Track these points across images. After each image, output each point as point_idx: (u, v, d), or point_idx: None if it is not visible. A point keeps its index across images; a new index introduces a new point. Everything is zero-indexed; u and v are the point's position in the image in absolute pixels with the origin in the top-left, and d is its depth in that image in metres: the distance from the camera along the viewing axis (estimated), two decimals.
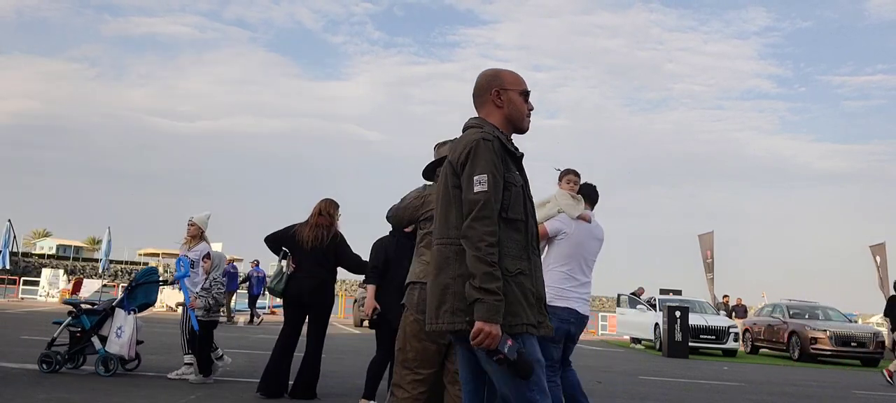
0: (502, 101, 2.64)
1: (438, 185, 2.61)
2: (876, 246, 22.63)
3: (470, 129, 2.60)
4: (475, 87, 2.72)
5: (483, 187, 2.39)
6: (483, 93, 2.68)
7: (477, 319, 2.32)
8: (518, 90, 2.66)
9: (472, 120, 2.68)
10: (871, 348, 16.56)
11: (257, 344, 11.94)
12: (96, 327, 7.12)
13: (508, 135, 2.65)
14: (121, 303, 7.22)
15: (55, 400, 5.44)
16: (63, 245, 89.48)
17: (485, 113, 2.67)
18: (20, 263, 35.55)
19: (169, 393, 6.04)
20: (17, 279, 27.94)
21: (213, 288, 6.79)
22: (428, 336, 3.46)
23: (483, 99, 2.68)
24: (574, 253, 4.61)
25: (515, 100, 2.65)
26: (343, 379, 7.68)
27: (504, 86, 2.65)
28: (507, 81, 2.67)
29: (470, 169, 2.43)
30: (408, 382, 3.46)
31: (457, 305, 2.43)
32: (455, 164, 2.50)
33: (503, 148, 2.52)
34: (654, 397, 8.03)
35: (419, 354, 3.47)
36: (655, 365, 13.03)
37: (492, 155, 2.44)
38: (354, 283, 77.43)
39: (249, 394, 6.23)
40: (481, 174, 2.40)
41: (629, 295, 20.88)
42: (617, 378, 9.93)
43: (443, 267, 2.50)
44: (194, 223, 7.43)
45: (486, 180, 2.40)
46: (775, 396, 9.03)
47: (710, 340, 17.07)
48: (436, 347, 3.49)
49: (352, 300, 24.00)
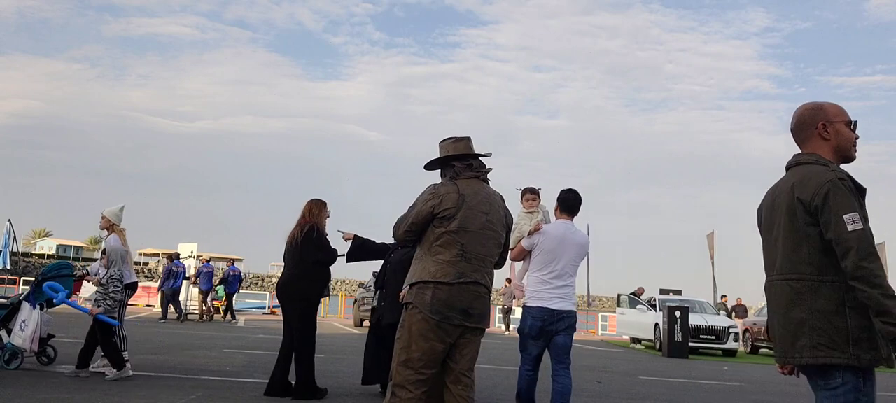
0: (829, 134, 2.69)
1: (780, 221, 2.63)
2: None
3: (813, 166, 2.62)
4: (796, 122, 2.77)
5: (857, 225, 2.44)
6: (807, 127, 2.73)
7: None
8: (843, 121, 2.70)
9: (807, 156, 2.70)
10: None
11: (258, 344, 11.95)
12: (4, 321, 7.18)
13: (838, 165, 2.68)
14: (27, 297, 7.28)
15: (55, 400, 5.44)
16: (63, 245, 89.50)
17: (811, 146, 2.72)
18: (20, 263, 35.50)
19: (169, 393, 6.03)
20: (17, 279, 27.93)
21: (110, 286, 6.71)
22: (436, 336, 3.45)
23: (807, 133, 2.73)
24: (547, 259, 5.12)
25: (842, 131, 2.70)
26: (343, 379, 7.68)
27: (829, 119, 2.70)
28: (832, 114, 2.71)
29: (835, 208, 2.47)
30: (411, 382, 3.43)
31: (817, 340, 2.49)
32: (807, 203, 2.53)
33: (854, 184, 2.56)
34: (654, 397, 8.03)
35: (425, 354, 3.45)
36: (655, 365, 13.03)
37: (850, 193, 2.49)
38: (354, 283, 77.44)
39: (250, 394, 6.23)
40: (851, 213, 2.45)
41: (629, 295, 20.88)
42: (617, 378, 9.93)
43: (795, 302, 2.55)
44: (104, 216, 7.31)
45: (857, 218, 2.45)
46: (775, 396, 9.03)
47: (710, 340, 17.07)
48: (442, 347, 3.47)
49: (352, 300, 24.00)
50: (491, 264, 3.67)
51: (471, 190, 3.63)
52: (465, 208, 3.55)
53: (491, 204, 3.68)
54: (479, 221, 3.59)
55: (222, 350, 10.44)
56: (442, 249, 3.52)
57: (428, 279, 3.50)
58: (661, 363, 13.84)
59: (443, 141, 3.82)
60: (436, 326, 3.44)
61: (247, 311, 25.71)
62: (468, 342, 3.56)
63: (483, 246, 3.59)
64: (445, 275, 3.48)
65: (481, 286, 3.58)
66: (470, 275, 3.52)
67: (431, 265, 3.52)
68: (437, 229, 3.55)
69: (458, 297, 3.47)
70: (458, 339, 3.52)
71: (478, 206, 3.61)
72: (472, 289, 3.52)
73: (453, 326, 3.47)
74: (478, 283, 3.55)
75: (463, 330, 3.51)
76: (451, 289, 3.46)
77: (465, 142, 3.78)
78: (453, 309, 3.46)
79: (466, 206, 3.56)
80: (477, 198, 3.63)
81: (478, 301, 3.54)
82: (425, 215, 3.58)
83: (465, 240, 3.53)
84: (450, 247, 3.51)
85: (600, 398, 7.66)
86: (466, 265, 3.52)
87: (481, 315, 3.58)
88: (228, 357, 9.52)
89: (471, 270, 3.53)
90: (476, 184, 3.69)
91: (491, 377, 8.68)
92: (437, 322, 3.44)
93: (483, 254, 3.59)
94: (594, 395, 7.84)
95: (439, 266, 3.49)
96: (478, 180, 3.73)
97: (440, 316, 3.44)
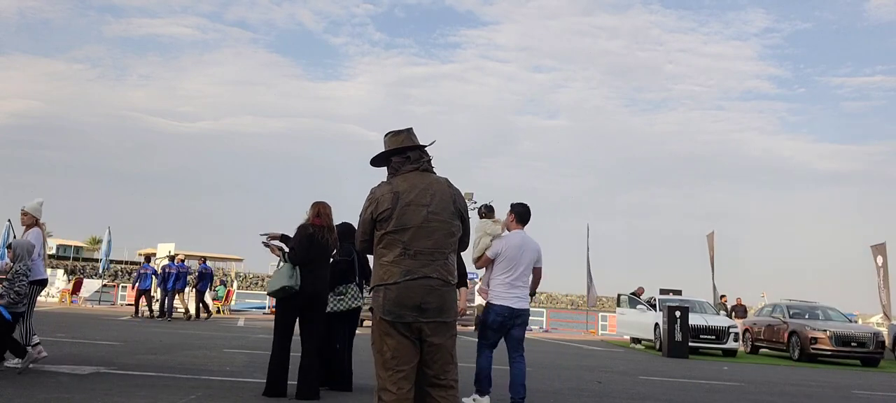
0: None
1: None
2: (876, 247, 22.61)
3: None
4: None
5: None
6: None
7: None
8: None
9: None
10: (871, 348, 16.55)
11: (258, 344, 11.94)
12: None
13: None
14: None
15: (55, 400, 5.44)
16: (63, 245, 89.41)
17: None
18: None
19: (169, 393, 6.03)
20: None
21: (16, 281, 6.71)
22: (398, 332, 3.44)
23: None
24: (509, 265, 6.16)
25: None
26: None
27: None
28: None
29: None
30: (392, 382, 3.42)
31: None
32: None
33: None
34: (654, 397, 8.03)
35: (396, 351, 3.44)
36: (655, 365, 13.02)
37: None
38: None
39: (250, 394, 6.23)
40: None
41: (629, 295, 20.88)
42: (617, 378, 9.93)
43: None
44: (26, 212, 7.28)
45: None
46: (775, 396, 9.03)
47: (710, 340, 17.06)
48: (408, 342, 3.46)
49: None
50: (443, 256, 3.54)
51: (407, 185, 3.56)
52: (400, 206, 3.50)
53: (433, 194, 3.57)
54: (420, 215, 3.50)
55: (222, 351, 10.44)
56: (386, 251, 3.50)
57: (378, 283, 3.50)
58: (661, 363, 13.84)
59: (385, 135, 3.76)
60: (393, 325, 3.44)
61: (247, 311, 25.70)
62: (435, 341, 3.48)
63: (429, 239, 3.50)
64: (392, 276, 3.45)
65: (434, 279, 3.46)
66: (418, 272, 3.44)
67: (379, 269, 3.52)
68: (379, 232, 3.54)
69: (407, 295, 3.42)
70: (425, 338, 3.47)
71: (416, 200, 3.52)
72: (422, 284, 3.44)
73: (408, 324, 3.44)
74: (428, 278, 3.46)
75: (422, 327, 3.45)
76: (400, 288, 3.43)
77: (405, 135, 3.72)
78: (404, 306, 3.42)
79: (402, 204, 3.51)
80: (414, 192, 3.54)
81: (431, 294, 3.44)
82: (368, 222, 3.58)
83: (405, 238, 3.47)
84: (392, 248, 3.48)
85: (600, 398, 7.65)
86: (412, 262, 3.45)
87: (439, 308, 3.47)
88: (228, 357, 9.52)
89: (418, 266, 3.45)
90: (414, 177, 3.61)
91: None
92: (391, 322, 3.44)
93: (430, 248, 3.49)
94: (594, 395, 7.84)
95: (385, 268, 3.48)
96: (417, 172, 3.64)
97: (393, 316, 3.43)
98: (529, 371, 10.11)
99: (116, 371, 7.19)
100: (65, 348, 9.24)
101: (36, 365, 7.07)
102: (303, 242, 6.19)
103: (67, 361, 7.65)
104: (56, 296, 25.22)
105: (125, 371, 7.24)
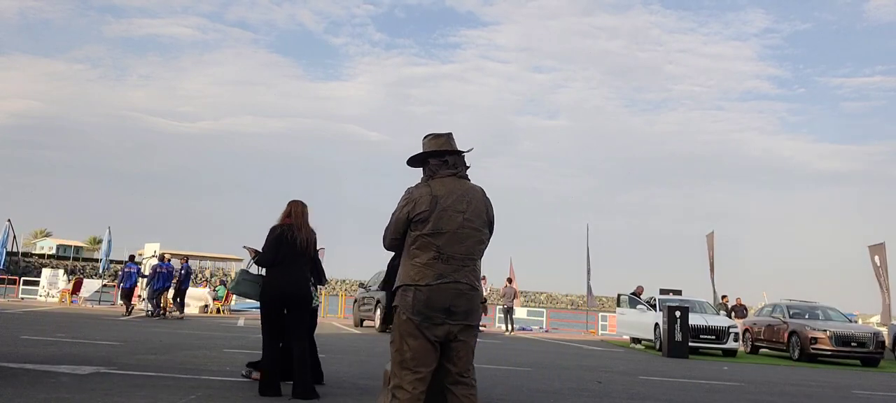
0: None
1: None
2: (875, 247, 22.59)
3: None
4: None
5: None
6: None
7: None
8: None
9: None
10: (871, 348, 16.56)
11: (258, 344, 11.92)
12: None
13: None
14: None
15: (55, 400, 5.44)
16: (63, 245, 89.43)
17: None
18: (20, 263, 35.52)
19: (169, 393, 6.03)
20: (17, 279, 27.94)
21: None
22: (422, 334, 3.47)
23: None
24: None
25: None
26: (343, 379, 7.68)
27: None
28: None
29: None
30: (408, 382, 3.47)
31: None
32: None
33: None
34: (654, 397, 8.03)
35: (417, 353, 3.48)
36: (655, 365, 13.03)
37: None
38: (354, 283, 77.36)
39: (250, 394, 6.23)
40: None
41: (629, 295, 20.87)
42: (617, 378, 9.93)
43: None
44: None
45: None
46: (775, 396, 9.03)
47: (710, 340, 17.07)
48: (431, 344, 3.50)
49: (352, 300, 24.01)
50: (473, 262, 3.61)
51: (445, 190, 3.60)
52: (437, 210, 3.53)
53: (469, 202, 3.62)
54: (456, 221, 3.56)
55: (222, 351, 10.44)
56: (419, 252, 3.53)
57: (409, 283, 3.52)
58: (661, 363, 13.84)
59: (424, 137, 3.79)
60: (420, 325, 3.48)
61: (247, 311, 25.69)
62: (461, 342, 3.56)
63: (461, 244, 3.56)
64: (424, 278, 3.49)
65: (463, 283, 3.53)
66: (449, 276, 3.51)
67: (411, 269, 3.55)
68: (413, 233, 3.56)
69: (438, 297, 3.48)
70: (450, 341, 3.53)
71: (453, 206, 3.57)
72: (452, 288, 3.50)
73: (437, 325, 3.49)
74: (458, 282, 3.52)
75: (449, 329, 3.51)
76: (431, 290, 3.48)
77: (445, 139, 3.74)
78: (434, 308, 3.47)
79: (440, 208, 3.54)
80: (451, 197, 3.59)
81: (460, 298, 3.51)
82: (403, 221, 3.59)
83: (440, 243, 3.52)
84: (426, 250, 3.52)
85: (600, 398, 7.66)
86: (444, 266, 3.51)
87: (466, 312, 3.53)
88: (228, 357, 9.52)
89: (450, 271, 3.51)
90: (451, 183, 3.65)
91: (491, 377, 8.68)
92: (419, 322, 3.48)
93: (462, 254, 3.55)
94: (594, 395, 7.84)
95: (417, 269, 3.51)
96: (455, 178, 3.68)
97: (422, 317, 3.47)
98: (529, 372, 10.13)
99: (116, 371, 7.19)
100: (65, 348, 9.24)
101: (36, 366, 7.08)
102: (271, 243, 6.26)
103: (67, 361, 7.66)
104: (56, 296, 25.21)
105: (125, 371, 7.24)
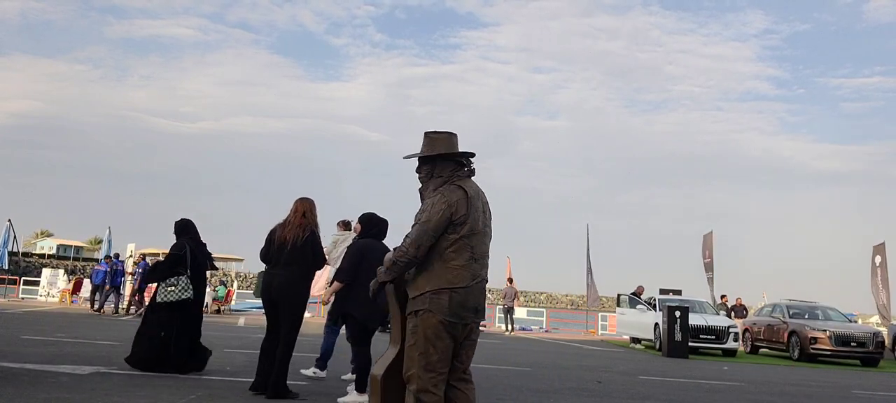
0: None
1: None
2: (876, 247, 22.60)
3: None
4: None
5: None
6: None
7: None
8: None
9: None
10: (871, 348, 16.56)
11: (258, 344, 11.91)
12: None
13: None
14: None
15: (55, 400, 5.44)
16: (64, 245, 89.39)
17: None
18: (20, 263, 35.50)
19: (169, 393, 6.03)
20: (18, 279, 27.92)
21: None
22: (450, 336, 3.54)
23: None
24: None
25: None
26: (340, 379, 7.68)
27: None
28: None
29: None
30: (434, 384, 3.52)
31: None
32: None
33: None
34: (654, 397, 8.03)
35: (443, 355, 3.54)
36: (655, 365, 13.03)
37: None
38: None
39: (250, 394, 6.23)
40: None
41: (629, 295, 20.87)
42: (617, 378, 9.93)
43: None
44: None
45: None
46: (775, 396, 9.03)
47: (710, 340, 17.07)
48: (454, 346, 3.59)
49: None
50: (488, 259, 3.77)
51: (472, 191, 3.68)
52: (471, 212, 3.60)
53: (484, 202, 3.78)
54: (481, 221, 3.67)
55: (222, 351, 10.43)
56: (455, 255, 3.56)
57: (446, 286, 3.53)
58: (661, 363, 13.84)
59: (436, 134, 3.72)
60: (450, 327, 3.53)
61: (247, 312, 25.69)
62: (471, 341, 3.69)
63: (484, 243, 3.69)
64: (462, 280, 3.55)
65: (485, 282, 3.72)
66: (479, 275, 3.64)
67: (447, 272, 3.54)
68: (451, 236, 3.56)
69: (471, 298, 3.59)
70: (468, 335, 3.64)
71: (478, 207, 3.68)
72: (480, 287, 3.66)
73: (465, 325, 3.59)
74: (484, 281, 3.69)
75: (471, 328, 3.64)
76: (467, 292, 3.56)
77: (456, 139, 3.76)
78: (467, 309, 3.57)
79: (472, 209, 3.61)
80: (477, 198, 3.70)
81: (482, 296, 3.69)
82: (443, 225, 3.55)
83: (473, 243, 3.61)
84: (462, 252, 3.56)
85: (600, 398, 7.66)
86: (476, 266, 3.62)
87: (483, 309, 3.72)
88: (228, 357, 9.52)
89: (479, 270, 3.64)
90: (471, 184, 3.73)
91: (491, 377, 8.68)
92: (452, 323, 3.53)
93: (484, 253, 3.69)
94: (594, 395, 7.84)
95: (454, 272, 3.55)
96: (471, 178, 3.78)
97: (457, 318, 3.54)
98: (529, 371, 10.13)
99: (116, 371, 7.19)
100: (65, 348, 9.24)
101: (36, 366, 7.09)
102: (265, 244, 6.35)
103: (67, 361, 7.66)
104: (56, 296, 25.20)
105: (125, 371, 7.24)
